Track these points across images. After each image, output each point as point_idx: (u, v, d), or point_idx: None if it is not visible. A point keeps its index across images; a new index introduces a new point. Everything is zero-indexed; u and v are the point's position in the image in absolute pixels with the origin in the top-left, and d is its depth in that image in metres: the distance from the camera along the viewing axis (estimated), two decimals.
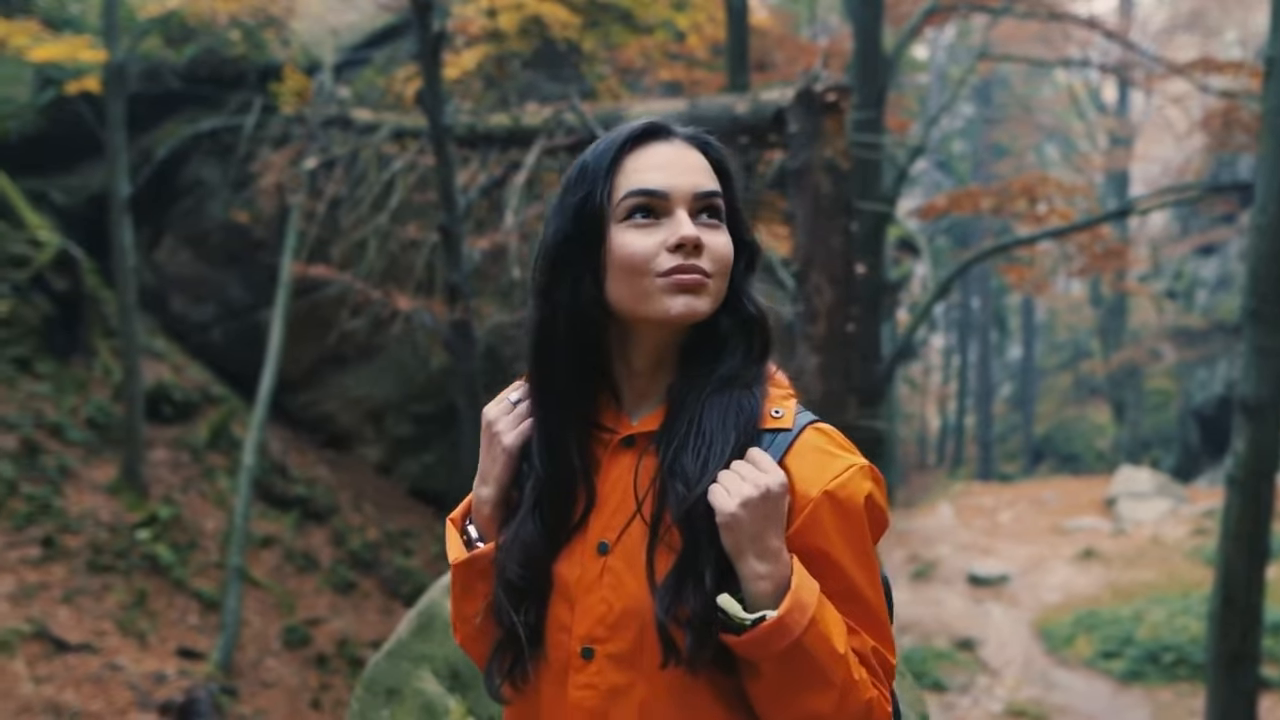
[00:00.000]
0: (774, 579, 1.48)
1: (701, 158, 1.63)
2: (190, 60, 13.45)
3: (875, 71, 11.50)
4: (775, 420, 1.59)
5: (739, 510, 1.48)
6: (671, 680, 1.53)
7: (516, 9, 12.14)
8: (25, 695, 9.82)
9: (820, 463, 1.55)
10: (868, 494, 1.54)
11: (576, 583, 1.60)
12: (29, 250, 12.63)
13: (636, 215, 1.57)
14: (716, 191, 1.60)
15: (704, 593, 1.50)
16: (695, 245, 1.54)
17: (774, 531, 1.49)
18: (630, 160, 1.60)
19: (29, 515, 11.19)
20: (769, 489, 1.49)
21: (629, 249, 1.56)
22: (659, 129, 1.63)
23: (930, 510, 22.76)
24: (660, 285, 1.55)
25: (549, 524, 1.63)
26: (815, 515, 1.52)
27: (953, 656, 14.48)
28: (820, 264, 7.23)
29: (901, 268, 19.19)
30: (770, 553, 1.49)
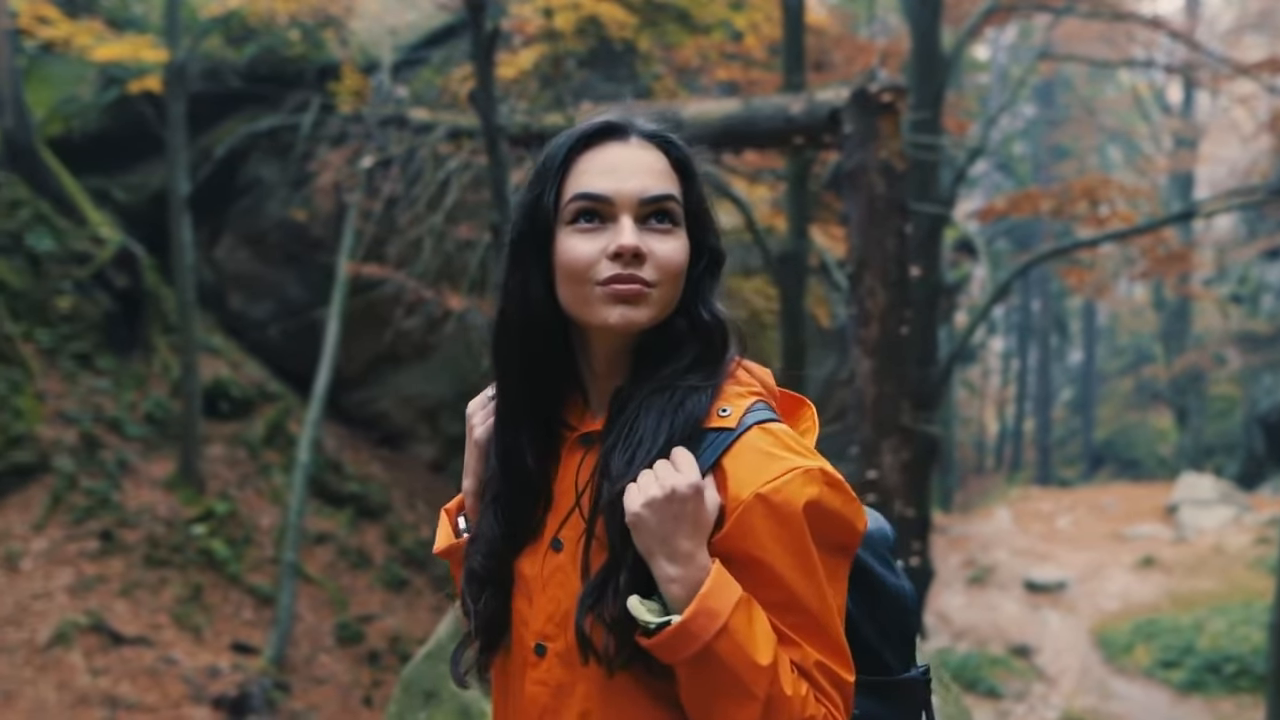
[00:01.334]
0: (685, 583, 1.43)
1: (659, 158, 1.57)
2: (250, 60, 13.57)
3: (933, 72, 11.38)
4: (721, 419, 1.52)
5: (642, 510, 1.44)
6: (610, 681, 1.50)
7: (573, 9, 12.15)
8: (82, 686, 9.95)
9: (757, 464, 1.47)
10: (811, 499, 1.45)
11: (534, 579, 1.59)
12: (91, 247, 12.80)
13: (580, 219, 1.54)
14: (668, 195, 1.55)
15: (619, 595, 1.47)
16: (634, 254, 1.50)
17: (684, 533, 1.44)
18: (582, 160, 1.56)
19: (88, 509, 11.34)
20: (674, 489, 1.44)
21: (570, 254, 1.53)
22: (614, 128, 1.58)
23: (987, 515, 22.55)
24: (599, 294, 1.51)
25: (508, 519, 1.62)
26: (746, 519, 1.45)
27: (1008, 663, 14.34)
28: (874, 266, 7.15)
29: (960, 270, 19.02)
30: (680, 555, 1.44)
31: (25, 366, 11.86)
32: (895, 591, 1.67)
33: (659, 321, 1.54)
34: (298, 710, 10.77)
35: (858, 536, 1.52)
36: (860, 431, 7.16)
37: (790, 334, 10.30)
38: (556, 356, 1.61)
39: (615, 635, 1.47)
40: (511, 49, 12.13)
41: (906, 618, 1.68)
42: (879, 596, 1.65)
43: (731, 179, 11.29)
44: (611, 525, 1.49)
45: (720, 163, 10.62)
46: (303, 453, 11.75)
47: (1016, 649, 14.90)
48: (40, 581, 10.69)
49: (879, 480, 7.01)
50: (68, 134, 13.65)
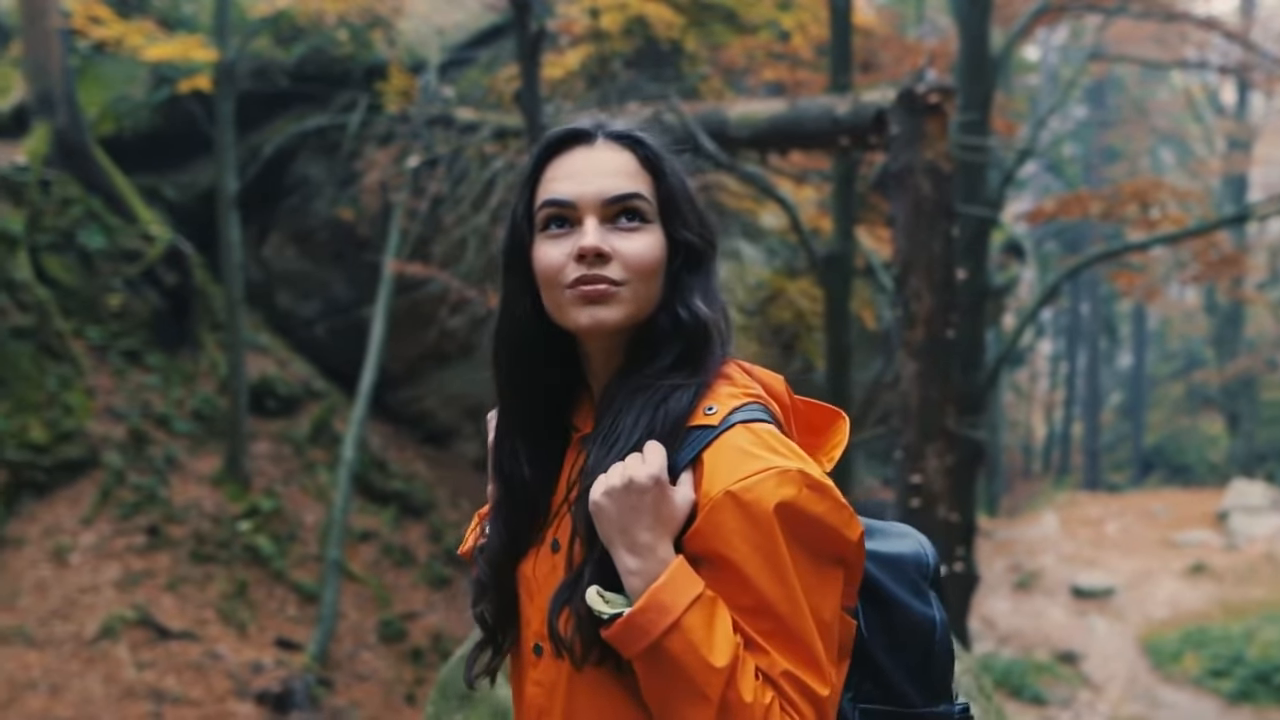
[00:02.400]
0: (644, 576, 1.42)
1: (627, 158, 1.58)
2: (299, 59, 13.66)
3: (982, 72, 11.29)
4: (705, 417, 1.51)
5: (601, 499, 1.45)
6: (591, 677, 1.49)
7: (620, 9, 12.14)
8: (128, 680, 10.05)
9: (733, 462, 1.45)
10: (783, 500, 1.42)
11: (534, 579, 1.60)
12: (141, 245, 12.93)
13: (550, 226, 1.57)
14: (633, 193, 1.55)
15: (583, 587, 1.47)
16: (597, 254, 1.52)
17: (644, 525, 1.43)
18: (550, 169, 1.59)
19: (136, 504, 11.45)
20: (633, 479, 1.43)
21: (542, 262, 1.56)
22: (580, 133, 1.60)
23: (1034, 519, 22.35)
24: (569, 297, 1.54)
25: (509, 524, 1.64)
26: (714, 516, 1.43)
27: (1054, 670, 14.21)
28: (920, 268, 7.10)
29: (1008, 272, 18.86)
30: (640, 548, 1.43)
31: (76, 363, 12.00)
32: (920, 619, 1.61)
33: (638, 319, 1.55)
34: (340, 707, 10.82)
35: (852, 546, 1.48)
36: (904, 435, 7.11)
37: (835, 336, 10.25)
38: (553, 365, 1.63)
39: (582, 629, 1.46)
40: (558, 49, 12.14)
41: (932, 648, 1.62)
42: (897, 622, 1.59)
43: (777, 180, 11.25)
44: (580, 518, 1.50)
45: (766, 163, 10.58)
46: (347, 450, 11.82)
47: (1063, 655, 14.77)
48: (88, 575, 10.81)
49: (923, 485, 6.96)
50: (119, 133, 13.79)
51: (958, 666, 3.22)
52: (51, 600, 10.49)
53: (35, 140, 12.71)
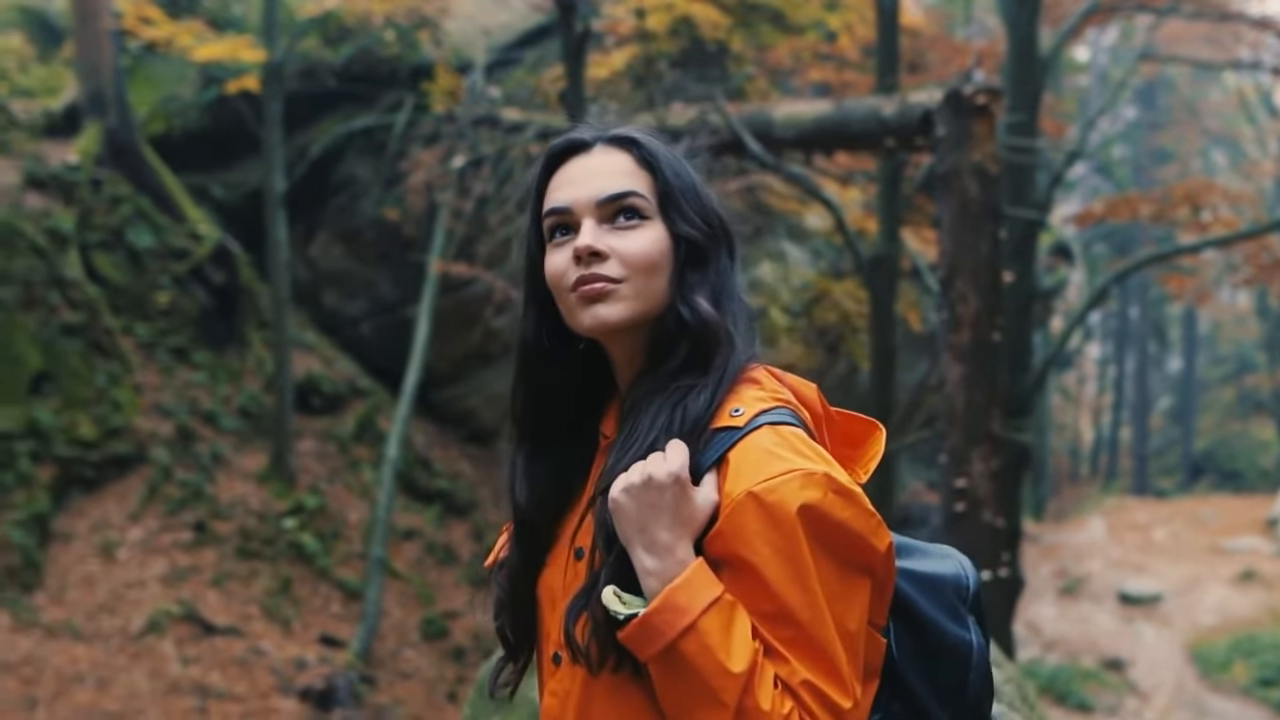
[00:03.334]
0: (661, 577, 1.40)
1: (623, 159, 1.59)
2: (346, 60, 13.73)
3: (1030, 73, 11.19)
4: (732, 419, 1.49)
5: (620, 495, 1.43)
6: (607, 683, 1.47)
7: (666, 9, 12.12)
8: (173, 675, 10.14)
9: (758, 462, 1.42)
10: (807, 502, 1.38)
11: (558, 588, 1.59)
12: (189, 244, 13.05)
13: (555, 235, 1.59)
14: (626, 192, 1.56)
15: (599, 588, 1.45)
16: (591, 254, 1.52)
17: (663, 524, 1.41)
18: (552, 181, 1.61)
19: (182, 500, 11.55)
20: (652, 476, 1.42)
21: (548, 270, 1.58)
22: (577, 143, 1.62)
23: (1081, 524, 22.16)
24: (573, 300, 1.54)
25: (523, 539, 1.66)
26: (736, 517, 1.40)
27: (1100, 676, 14.09)
28: (966, 271, 7.03)
29: (1056, 275, 18.70)
30: (658, 547, 1.41)
31: (124, 360, 12.12)
32: (956, 643, 1.57)
33: (645, 317, 1.54)
34: (383, 704, 10.87)
35: (878, 556, 1.45)
36: (949, 439, 7.05)
37: (880, 338, 10.19)
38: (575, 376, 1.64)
39: (599, 632, 1.44)
40: (604, 49, 12.14)
41: (967, 673, 1.57)
42: (931, 644, 1.55)
43: (823, 181, 11.20)
44: (600, 520, 1.48)
45: (811, 165, 10.54)
46: (392, 449, 11.87)
47: (1109, 662, 14.64)
48: (135, 570, 10.92)
49: (968, 489, 6.89)
50: (168, 132, 13.92)
51: (1000, 674, 3.19)
52: (99, 595, 10.60)
53: (86, 139, 12.85)
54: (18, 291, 11.52)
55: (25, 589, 10.35)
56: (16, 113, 13.38)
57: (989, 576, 6.85)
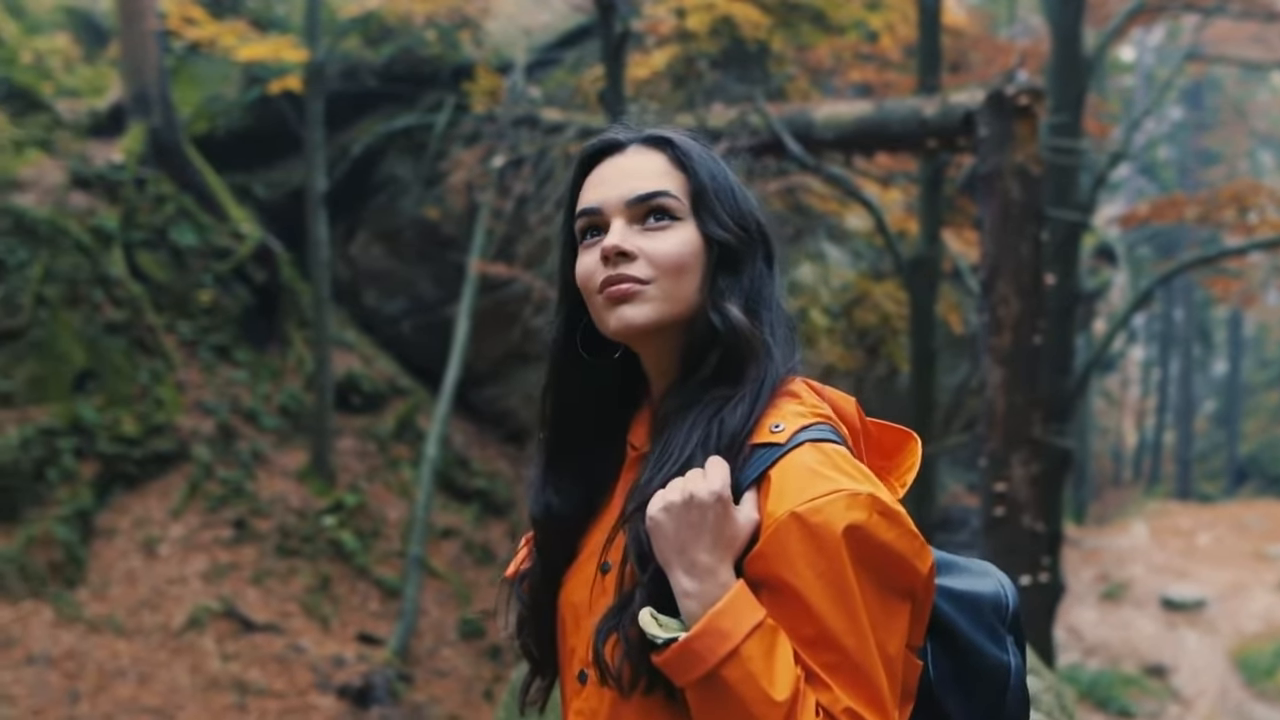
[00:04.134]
0: (701, 600, 1.35)
1: (657, 159, 1.56)
2: (387, 60, 13.79)
3: (1074, 73, 11.10)
4: (772, 435, 1.44)
5: (659, 514, 1.38)
6: (637, 706, 1.42)
7: (707, 9, 12.09)
8: (213, 671, 10.21)
9: (801, 481, 1.38)
10: (852, 524, 1.34)
11: (582, 605, 1.55)
12: (231, 242, 13.14)
13: (586, 236, 1.56)
14: (656, 192, 1.52)
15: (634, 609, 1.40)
16: (619, 254, 1.49)
17: (703, 545, 1.36)
18: (585, 182, 1.59)
19: (223, 498, 11.63)
20: (693, 495, 1.36)
21: (579, 271, 1.55)
22: (610, 144, 1.59)
23: (1123, 528, 21.96)
24: (600, 302, 1.51)
25: (547, 551, 1.63)
26: (778, 539, 1.35)
27: (1141, 683, 13.95)
28: (1007, 273, 6.98)
29: (1099, 277, 18.54)
30: (699, 569, 1.35)
31: (167, 357, 12.22)
32: (994, 664, 1.52)
33: (670, 320, 1.50)
34: (420, 702, 10.91)
35: (922, 578, 1.40)
36: (989, 443, 7.00)
37: (920, 340, 10.14)
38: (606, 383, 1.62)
39: (631, 654, 1.39)
40: (644, 49, 12.13)
41: (1004, 696, 1.53)
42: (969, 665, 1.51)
43: (863, 182, 11.15)
44: (633, 537, 1.43)
45: (852, 165, 10.49)
46: (431, 448, 11.90)
47: (1151, 668, 14.50)
48: (176, 567, 11.00)
49: (1008, 493, 6.85)
50: (212, 132, 14.02)
51: (1038, 683, 3.16)
52: (141, 590, 10.69)
53: (131, 139, 12.97)
54: (63, 289, 11.64)
55: (68, 584, 10.45)
56: (62, 112, 13.52)
57: (1029, 581, 6.80)
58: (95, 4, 16.44)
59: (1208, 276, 17.01)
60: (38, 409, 11.07)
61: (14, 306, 11.34)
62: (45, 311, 11.46)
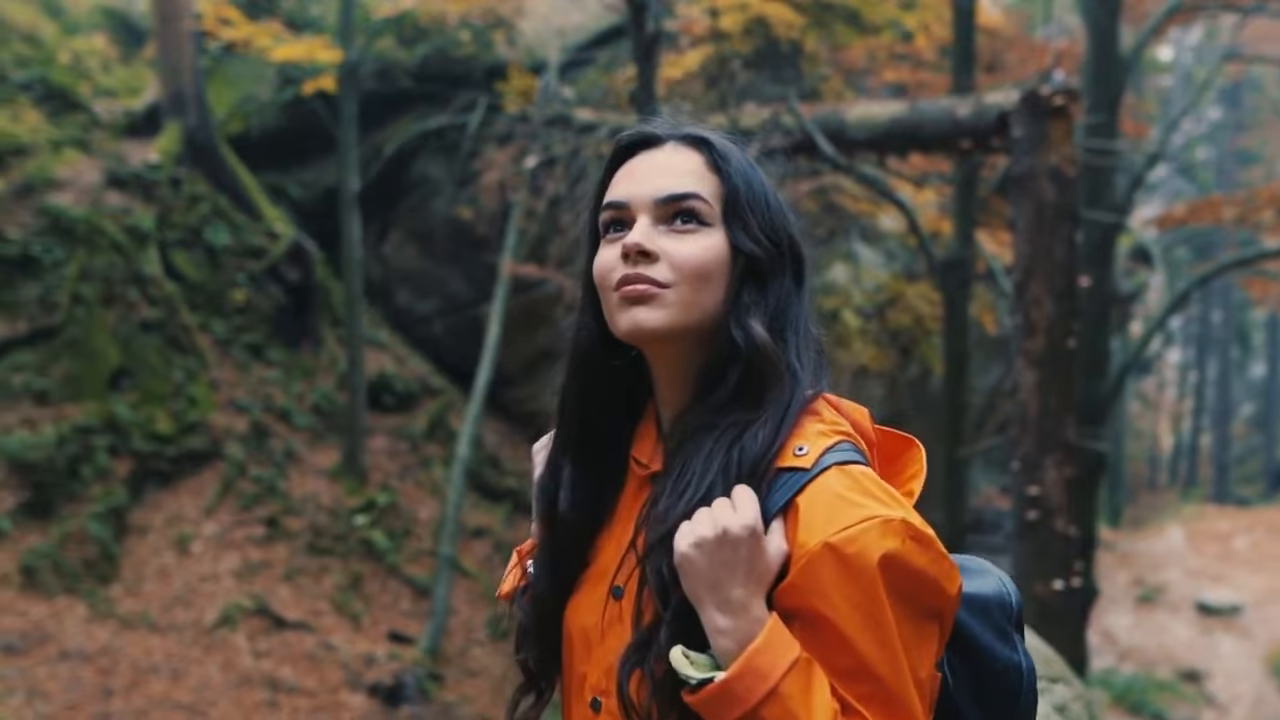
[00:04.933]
0: (736, 636, 1.30)
1: (693, 159, 1.49)
2: (421, 60, 13.82)
3: (1110, 73, 11.01)
4: (796, 458, 1.38)
5: (690, 551, 1.32)
6: None
7: (740, 9, 12.06)
8: (245, 668, 10.25)
9: (832, 509, 1.32)
10: (888, 552, 1.30)
11: (593, 629, 1.49)
12: (265, 242, 13.21)
13: (610, 230, 1.49)
14: (688, 194, 1.45)
15: (662, 646, 1.35)
16: (640, 252, 1.42)
17: (737, 580, 1.30)
18: (616, 175, 1.52)
19: (256, 496, 11.68)
20: (727, 530, 1.31)
21: (597, 265, 1.49)
22: (646, 137, 1.52)
23: (1158, 532, 21.77)
24: (615, 300, 1.45)
25: (557, 565, 1.56)
26: (812, 570, 1.30)
27: (1176, 688, 13.82)
28: (1041, 275, 6.93)
29: (1136, 279, 18.40)
30: (732, 605, 1.30)
31: (201, 356, 12.29)
32: (1007, 666, 1.49)
33: (685, 329, 1.44)
34: (450, 701, 10.92)
35: (950, 600, 1.36)
36: (1022, 446, 6.95)
37: (953, 342, 10.08)
38: (618, 388, 1.55)
39: (659, 692, 1.34)
40: (678, 49, 12.11)
41: (1019, 697, 1.50)
42: (985, 670, 1.48)
43: (896, 182, 11.09)
44: (656, 570, 1.37)
45: (885, 166, 10.44)
46: (462, 447, 11.92)
47: (1186, 673, 14.36)
48: (209, 564, 11.06)
49: (1040, 497, 6.79)
50: (246, 132, 14.10)
51: (1068, 692, 3.12)
52: (174, 587, 10.75)
53: (166, 139, 13.05)
54: (98, 288, 11.72)
55: (102, 581, 10.52)
56: (99, 112, 13.63)
57: (1061, 586, 6.75)
58: (133, 5, 16.58)
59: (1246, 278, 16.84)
60: (73, 407, 11.16)
61: (50, 305, 11.44)
62: (81, 310, 11.54)
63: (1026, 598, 6.87)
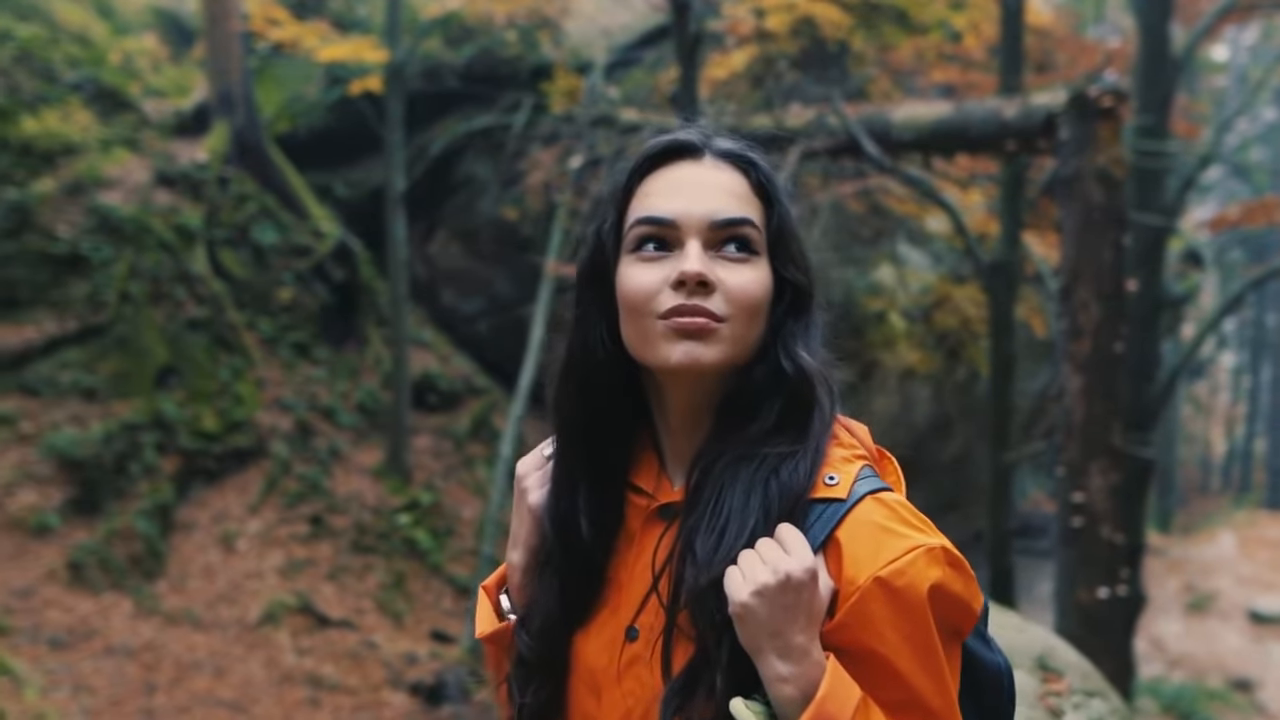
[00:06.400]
0: (799, 683, 1.24)
1: (738, 179, 1.40)
2: (467, 60, 13.85)
3: (1161, 73, 10.85)
4: (828, 489, 1.33)
5: (751, 600, 1.25)
6: None
7: (787, 9, 11.99)
8: (288, 665, 10.31)
9: (876, 541, 1.28)
10: (934, 582, 1.26)
11: (603, 671, 1.41)
12: (312, 241, 13.28)
13: (645, 246, 1.37)
14: (744, 219, 1.37)
15: (716, 696, 1.28)
16: (699, 282, 1.32)
17: (799, 626, 1.25)
18: (647, 183, 1.40)
19: (300, 494, 11.75)
20: (789, 575, 1.25)
21: (629, 284, 1.36)
22: (686, 146, 1.41)
23: (1210, 538, 21.49)
24: (660, 328, 1.33)
25: (570, 594, 1.44)
26: (863, 606, 1.27)
27: (1226, 697, 13.64)
28: (1088, 278, 6.83)
29: (1188, 282, 18.16)
30: (794, 651, 1.25)
31: (247, 354, 12.37)
32: (991, 670, 1.46)
33: (733, 364, 1.36)
34: (490, 701, 10.92)
35: (974, 620, 1.34)
36: (1067, 451, 6.86)
37: (999, 345, 9.97)
38: (624, 409, 1.44)
39: None
40: (724, 50, 12.06)
41: (1004, 699, 1.48)
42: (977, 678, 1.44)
43: (943, 184, 10.99)
44: (702, 617, 1.30)
45: (931, 167, 10.35)
46: (505, 447, 11.91)
47: (1237, 682, 14.17)
48: (253, 562, 11.13)
49: (1086, 504, 6.70)
50: (293, 131, 14.19)
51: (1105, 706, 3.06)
52: (218, 584, 10.83)
53: (215, 138, 13.16)
54: (146, 286, 11.83)
55: (148, 577, 10.61)
56: (148, 112, 13.76)
57: (1106, 594, 6.65)
58: (183, 4, 16.72)
59: None
60: (120, 404, 11.26)
61: (99, 303, 11.55)
62: (129, 308, 11.65)
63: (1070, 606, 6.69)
